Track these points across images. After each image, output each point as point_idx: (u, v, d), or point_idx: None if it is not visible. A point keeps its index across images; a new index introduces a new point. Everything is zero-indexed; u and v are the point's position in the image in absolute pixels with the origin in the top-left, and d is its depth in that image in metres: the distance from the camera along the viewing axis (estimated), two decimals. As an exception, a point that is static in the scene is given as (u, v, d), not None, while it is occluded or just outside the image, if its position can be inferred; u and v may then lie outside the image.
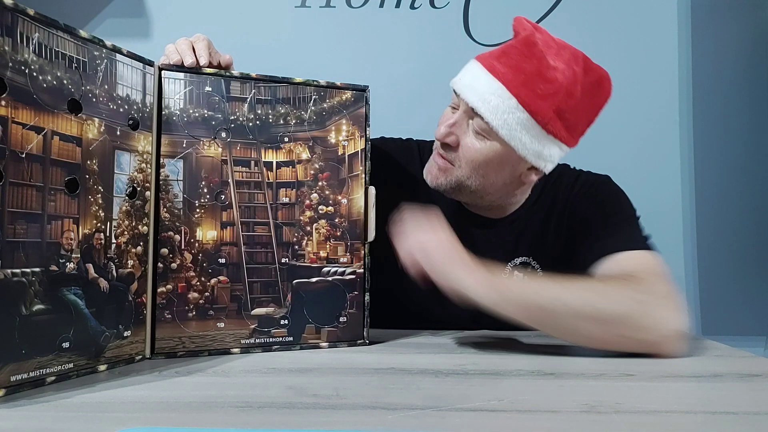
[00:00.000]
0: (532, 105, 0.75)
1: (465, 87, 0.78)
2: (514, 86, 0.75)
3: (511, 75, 0.75)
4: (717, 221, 1.42)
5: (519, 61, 0.76)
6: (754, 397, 0.55)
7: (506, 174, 0.81)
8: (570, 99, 0.76)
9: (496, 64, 0.77)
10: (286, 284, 0.73)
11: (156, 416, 0.47)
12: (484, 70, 0.77)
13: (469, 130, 0.79)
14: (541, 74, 0.75)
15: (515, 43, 0.78)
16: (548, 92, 0.75)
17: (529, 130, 0.76)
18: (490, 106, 0.75)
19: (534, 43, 0.76)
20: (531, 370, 0.64)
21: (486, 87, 0.76)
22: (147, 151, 0.67)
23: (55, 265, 0.55)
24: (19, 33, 0.52)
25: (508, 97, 0.75)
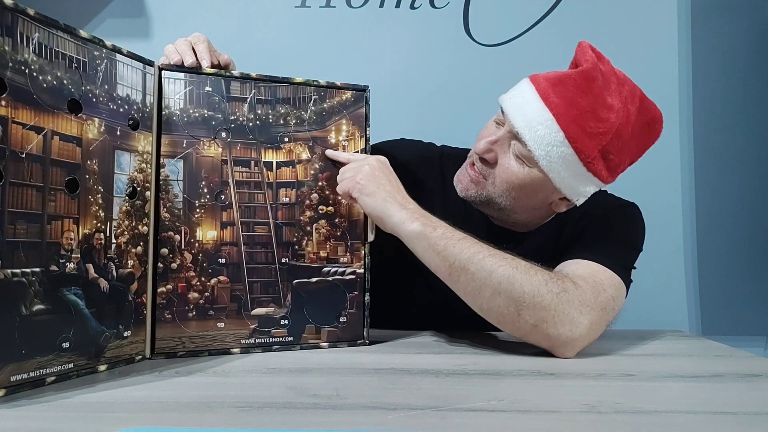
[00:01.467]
0: (578, 142, 0.73)
1: (514, 109, 0.76)
2: (565, 120, 0.73)
3: (563, 108, 0.73)
4: (717, 221, 1.41)
5: (575, 95, 0.74)
6: (754, 397, 0.55)
7: (538, 200, 0.80)
8: (618, 140, 0.75)
9: (550, 92, 0.74)
10: (286, 284, 0.73)
11: (156, 416, 0.47)
12: (536, 96, 0.75)
13: (509, 151, 0.78)
14: (595, 112, 0.73)
15: (574, 74, 0.75)
16: (598, 131, 0.73)
17: (570, 166, 0.75)
18: (536, 135, 0.74)
19: (594, 78, 0.74)
20: (531, 370, 0.64)
21: (536, 115, 0.74)
22: (147, 151, 0.67)
23: (55, 265, 0.55)
24: (19, 33, 0.52)
25: (556, 130, 0.73)
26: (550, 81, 0.76)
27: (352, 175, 0.73)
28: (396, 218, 0.71)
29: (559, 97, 0.74)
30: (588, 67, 0.74)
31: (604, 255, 0.76)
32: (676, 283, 1.43)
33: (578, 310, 0.68)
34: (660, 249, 1.43)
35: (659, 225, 1.44)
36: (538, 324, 0.68)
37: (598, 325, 0.71)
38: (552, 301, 0.67)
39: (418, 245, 0.71)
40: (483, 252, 0.69)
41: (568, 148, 0.73)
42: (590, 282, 0.72)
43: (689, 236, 1.43)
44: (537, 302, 0.67)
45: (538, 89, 0.76)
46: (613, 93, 0.74)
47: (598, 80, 0.74)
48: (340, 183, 0.74)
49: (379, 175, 0.73)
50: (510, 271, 0.68)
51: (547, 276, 0.69)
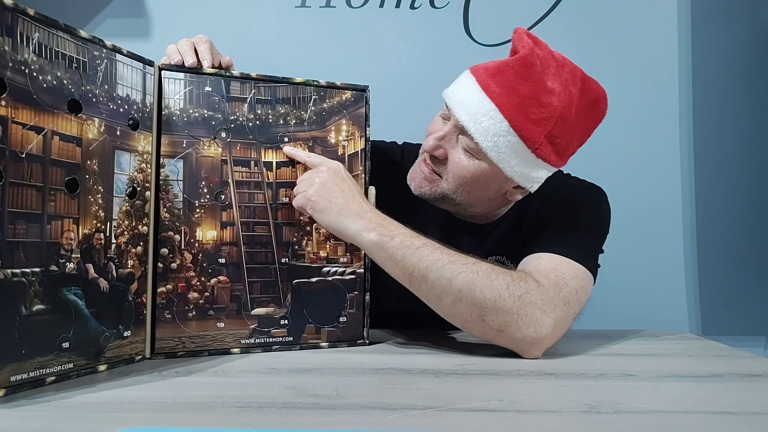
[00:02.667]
0: (523, 130, 0.73)
1: (457, 103, 0.76)
2: (507, 109, 0.73)
3: (505, 96, 0.73)
4: (717, 221, 1.41)
5: (514, 82, 0.73)
6: (754, 397, 0.55)
7: (492, 191, 0.81)
8: (563, 123, 0.75)
9: (490, 82, 0.74)
10: (286, 284, 0.73)
11: (156, 416, 0.47)
12: (478, 87, 0.75)
13: (458, 145, 0.78)
14: (536, 98, 0.73)
15: (512, 62, 0.75)
16: (542, 117, 0.73)
17: (518, 154, 0.75)
18: (480, 127, 0.74)
19: (532, 64, 0.73)
20: (531, 370, 0.64)
21: (478, 107, 0.74)
22: (147, 151, 0.67)
23: (55, 265, 0.55)
24: (19, 33, 0.52)
25: (500, 120, 0.73)
26: (489, 71, 0.76)
27: (304, 189, 0.72)
28: (352, 230, 0.70)
29: (499, 86, 0.74)
30: (525, 53, 0.74)
31: (566, 245, 0.76)
32: (676, 283, 1.43)
33: (542, 310, 0.68)
34: (660, 249, 1.43)
35: (659, 225, 1.44)
36: (502, 328, 0.68)
37: (563, 321, 0.70)
38: (514, 304, 0.67)
39: (376, 255, 0.70)
40: (443, 259, 0.68)
41: (514, 136, 0.73)
42: (551, 278, 0.71)
43: (689, 236, 1.43)
44: (499, 307, 0.67)
45: (478, 80, 0.76)
46: (552, 77, 0.74)
47: (536, 65, 0.73)
48: (295, 199, 0.74)
49: (331, 187, 0.71)
50: (470, 277, 0.67)
51: (508, 278, 0.68)
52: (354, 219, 0.70)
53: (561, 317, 0.70)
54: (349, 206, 0.71)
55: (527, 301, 0.67)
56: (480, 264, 0.69)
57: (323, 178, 0.72)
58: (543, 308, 0.68)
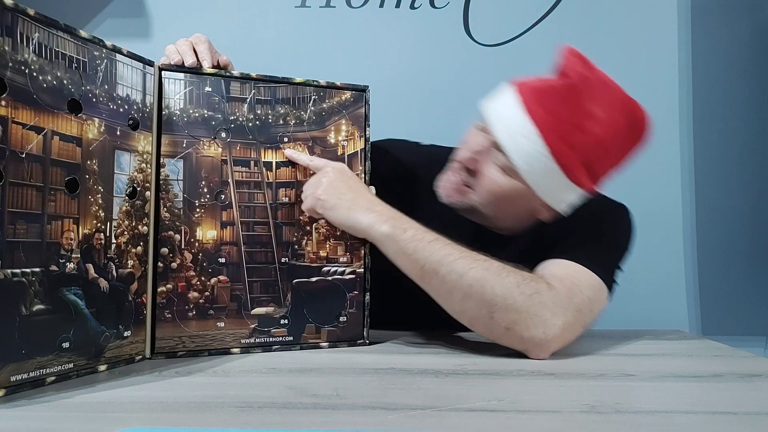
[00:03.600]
0: (562, 155, 0.72)
1: (497, 119, 0.75)
2: (548, 132, 0.71)
3: (547, 119, 0.72)
4: (717, 221, 1.41)
5: (558, 105, 0.72)
6: (754, 397, 0.55)
7: (520, 209, 0.80)
8: (602, 150, 0.73)
9: (534, 103, 0.73)
10: (286, 284, 0.73)
11: (156, 416, 0.47)
12: (520, 106, 0.73)
13: (492, 161, 0.76)
14: (579, 124, 0.72)
15: (559, 85, 0.73)
16: (582, 143, 0.72)
17: (553, 178, 0.73)
18: (518, 147, 0.72)
19: (579, 89, 0.72)
20: (531, 370, 0.64)
21: (518, 126, 0.72)
22: (147, 151, 0.67)
23: (55, 265, 0.55)
24: (19, 33, 0.52)
25: (538, 143, 0.72)
26: (533, 90, 0.74)
27: (312, 191, 0.72)
28: (364, 223, 0.70)
29: (542, 108, 0.72)
30: (573, 76, 0.73)
31: (586, 255, 0.75)
32: (676, 283, 1.43)
33: (551, 311, 0.68)
34: (660, 249, 1.43)
35: (659, 225, 1.44)
36: (510, 326, 0.67)
37: (573, 326, 0.70)
38: (524, 303, 0.67)
39: (388, 248, 0.71)
40: (454, 254, 0.68)
41: (551, 161, 0.72)
42: (566, 283, 0.71)
43: (689, 236, 1.43)
44: (509, 305, 0.66)
45: (521, 99, 0.74)
46: (598, 102, 0.73)
47: (582, 91, 0.72)
48: (304, 201, 0.74)
49: (338, 185, 0.72)
50: (481, 273, 0.67)
51: (519, 277, 0.68)
52: (365, 213, 0.71)
53: (571, 322, 0.69)
54: (359, 201, 0.71)
55: (537, 301, 0.67)
56: (491, 261, 0.69)
57: (330, 178, 0.72)
58: (553, 310, 0.68)
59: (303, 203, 0.74)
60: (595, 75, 0.74)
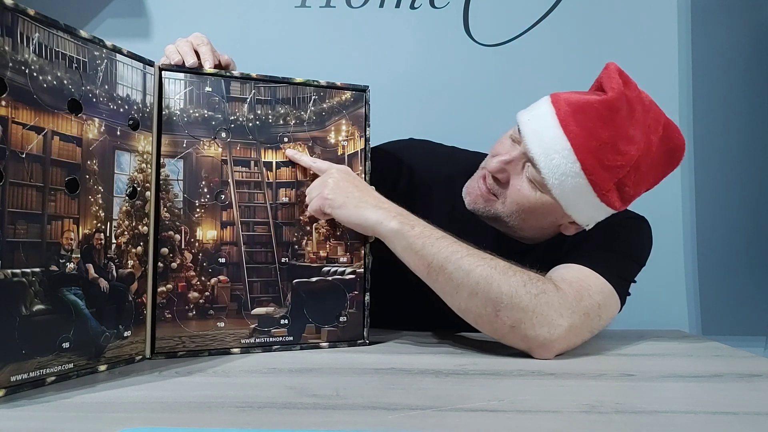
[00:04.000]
0: (594, 174, 0.71)
1: (531, 133, 0.74)
2: (582, 151, 0.71)
3: (582, 138, 0.71)
4: (717, 221, 1.41)
5: (596, 125, 0.71)
6: (754, 397, 0.55)
7: (546, 222, 0.80)
8: (636, 173, 0.73)
9: (570, 119, 0.72)
10: (286, 284, 0.73)
11: (156, 416, 0.47)
12: (556, 121, 0.72)
13: (522, 173, 0.76)
14: (615, 145, 0.71)
15: (598, 103, 0.72)
16: (616, 164, 0.71)
17: (583, 196, 0.73)
18: (551, 163, 0.72)
19: (618, 109, 0.71)
20: (531, 370, 0.64)
21: (553, 142, 0.72)
22: (147, 151, 0.67)
23: (55, 265, 0.55)
24: (19, 33, 0.52)
25: (572, 160, 0.71)
26: (571, 106, 0.73)
27: (318, 192, 0.72)
28: (373, 219, 0.70)
29: (579, 125, 0.71)
30: (613, 96, 0.71)
31: (600, 262, 0.75)
32: (676, 283, 1.43)
33: (557, 312, 0.67)
34: (660, 249, 1.42)
35: (659, 225, 1.44)
36: (515, 325, 0.67)
37: (579, 329, 0.70)
38: (530, 302, 0.67)
39: (396, 244, 0.70)
40: (461, 251, 0.68)
41: (583, 179, 0.72)
42: (575, 286, 0.71)
43: (689, 236, 1.43)
44: (515, 303, 0.66)
45: (558, 114, 0.73)
46: (636, 124, 0.72)
47: (622, 111, 0.71)
48: (310, 203, 0.74)
49: (344, 185, 0.72)
50: (488, 271, 0.67)
51: (526, 277, 0.68)
52: (373, 209, 0.71)
53: (577, 324, 0.69)
54: (367, 199, 0.72)
55: (543, 301, 0.67)
56: (498, 260, 0.69)
57: (335, 178, 0.72)
58: (559, 311, 0.68)
59: (309, 205, 0.74)
60: (634, 93, 0.74)
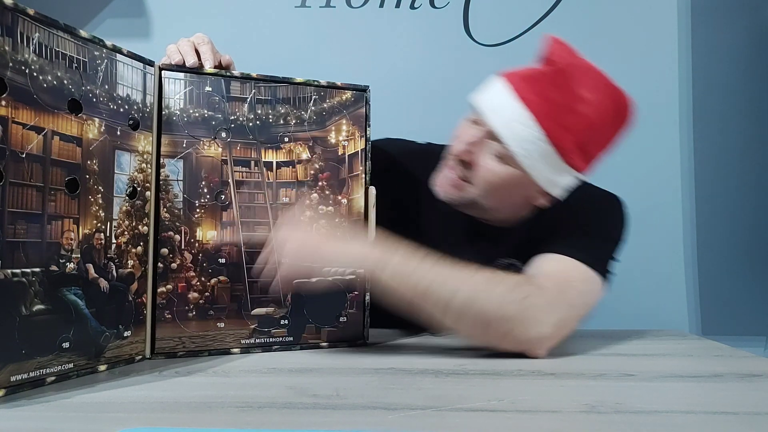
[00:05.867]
0: (556, 137, 0.73)
1: (490, 110, 0.76)
2: (542, 117, 0.73)
3: (539, 104, 0.73)
4: (717, 221, 1.41)
5: (549, 90, 0.74)
6: (754, 397, 0.55)
7: (519, 197, 0.80)
8: (594, 132, 0.75)
9: (525, 89, 0.74)
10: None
11: (156, 416, 0.47)
12: (512, 94, 0.75)
13: (487, 151, 0.77)
14: (571, 107, 0.73)
15: (547, 70, 0.75)
16: (575, 125, 0.74)
17: (548, 161, 0.75)
18: (514, 133, 0.74)
19: (566, 72, 0.74)
20: (531, 370, 0.64)
21: (512, 113, 0.74)
22: (147, 151, 0.67)
23: (55, 265, 0.55)
24: (19, 33, 0.52)
25: (533, 127, 0.73)
26: (523, 78, 0.76)
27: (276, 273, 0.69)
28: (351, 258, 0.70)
29: (534, 94, 0.74)
30: (560, 62, 0.75)
31: (576, 248, 0.76)
32: (676, 283, 1.43)
33: (544, 311, 0.68)
34: (660, 249, 1.43)
35: (659, 225, 1.44)
36: (507, 333, 0.68)
37: (567, 321, 0.71)
38: (516, 310, 0.67)
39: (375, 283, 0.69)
40: (441, 278, 0.68)
41: (546, 144, 0.74)
42: (557, 280, 0.72)
43: (689, 236, 1.43)
44: (502, 315, 0.67)
45: (512, 86, 0.75)
46: (584, 86, 0.74)
47: (570, 74, 0.74)
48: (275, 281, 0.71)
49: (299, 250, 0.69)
50: (470, 293, 0.67)
51: (510, 284, 0.69)
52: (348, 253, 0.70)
53: (564, 317, 0.70)
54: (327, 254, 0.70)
55: (529, 305, 0.68)
56: (478, 276, 0.69)
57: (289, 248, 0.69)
58: (545, 309, 0.68)
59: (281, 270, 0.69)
60: (580, 61, 0.77)
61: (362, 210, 0.77)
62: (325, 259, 0.70)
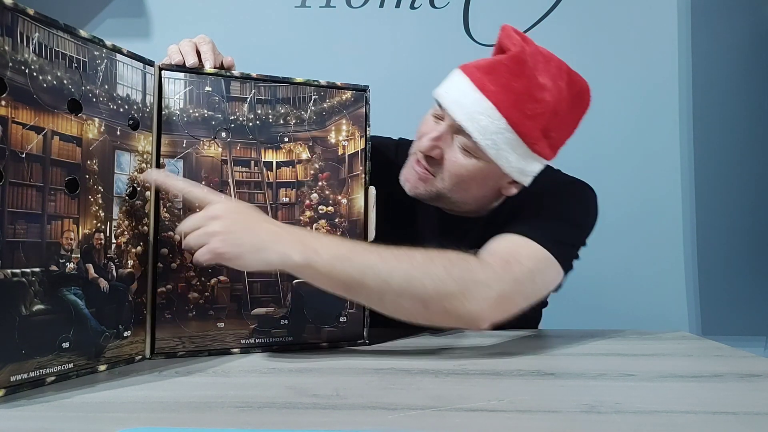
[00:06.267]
0: (521, 126, 0.74)
1: (452, 103, 0.77)
2: (505, 107, 0.74)
3: (501, 94, 0.74)
4: (717, 221, 1.42)
5: (509, 80, 0.74)
6: (754, 397, 0.55)
7: (488, 188, 0.81)
8: (556, 117, 0.76)
9: (485, 80, 0.75)
10: (286, 284, 0.73)
11: (156, 416, 0.47)
12: (472, 86, 0.75)
13: (454, 144, 0.78)
14: (531, 94, 0.74)
15: (505, 59, 0.76)
16: (536, 112, 0.74)
17: (515, 150, 0.76)
18: (479, 125, 0.74)
19: (524, 61, 0.74)
20: (531, 370, 0.64)
21: (475, 105, 0.75)
22: (147, 151, 0.67)
23: (55, 265, 0.55)
24: (19, 33, 0.52)
25: (498, 118, 0.74)
26: (482, 70, 0.76)
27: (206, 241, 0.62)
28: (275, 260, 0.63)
29: (494, 84, 0.75)
30: (517, 51, 0.75)
31: (532, 228, 0.76)
32: (676, 283, 1.43)
33: (484, 284, 0.68)
34: (660, 249, 1.43)
35: (659, 224, 1.44)
36: (447, 309, 0.67)
37: (510, 296, 0.70)
38: (454, 284, 0.66)
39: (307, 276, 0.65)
40: (374, 261, 0.66)
41: (511, 133, 0.74)
42: (503, 255, 0.71)
43: (689, 236, 1.43)
44: (440, 291, 0.66)
45: (472, 79, 0.76)
46: (542, 72, 0.75)
47: (528, 62, 0.74)
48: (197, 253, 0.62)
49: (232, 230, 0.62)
50: (407, 271, 0.66)
51: (446, 261, 0.67)
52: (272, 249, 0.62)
53: (508, 291, 0.69)
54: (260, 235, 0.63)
55: (468, 279, 0.67)
56: (414, 254, 0.68)
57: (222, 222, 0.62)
58: (486, 282, 0.68)
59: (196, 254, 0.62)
60: (534, 47, 0.77)
61: (362, 210, 0.77)
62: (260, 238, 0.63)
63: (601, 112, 1.37)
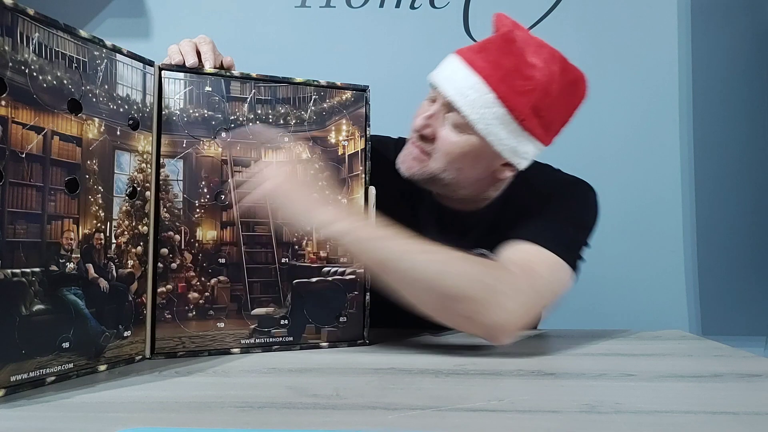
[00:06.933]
0: (509, 100, 0.75)
1: (443, 80, 0.79)
2: (493, 81, 0.75)
3: (490, 70, 0.76)
4: (717, 221, 1.42)
5: (498, 57, 0.76)
6: (754, 397, 0.55)
7: (481, 169, 0.81)
8: (547, 97, 0.76)
9: (475, 58, 0.77)
10: (286, 284, 0.73)
11: (156, 416, 0.47)
12: (463, 64, 0.78)
13: (446, 122, 0.79)
14: (520, 71, 0.75)
15: (495, 38, 0.78)
16: (526, 89, 0.75)
17: (505, 125, 0.76)
18: (468, 100, 0.76)
19: (513, 40, 0.77)
20: (531, 370, 0.64)
21: (464, 81, 0.76)
22: (147, 151, 0.67)
23: (55, 265, 0.55)
24: (19, 33, 0.52)
25: (486, 92, 0.75)
26: (473, 49, 0.80)
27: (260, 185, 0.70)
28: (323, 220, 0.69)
29: (484, 60, 0.77)
30: (506, 30, 0.78)
31: (542, 235, 0.76)
32: (676, 283, 1.43)
33: (510, 297, 0.68)
34: (660, 249, 1.43)
35: (659, 224, 1.44)
36: (471, 316, 0.68)
37: (532, 307, 0.71)
38: (483, 292, 0.67)
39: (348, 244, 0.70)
40: (414, 249, 0.68)
41: (500, 107, 0.75)
42: (524, 267, 0.72)
43: (689, 236, 1.43)
44: (468, 296, 0.67)
45: (464, 58, 0.78)
46: (533, 53, 0.76)
47: (517, 42, 0.76)
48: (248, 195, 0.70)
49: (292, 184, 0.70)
50: (442, 266, 0.67)
51: (480, 267, 0.69)
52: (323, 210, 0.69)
53: (530, 304, 0.70)
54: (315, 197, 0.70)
55: (497, 290, 0.68)
56: (451, 253, 0.69)
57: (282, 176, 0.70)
58: (511, 296, 0.68)
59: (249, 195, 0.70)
60: (525, 32, 0.79)
61: (362, 210, 0.77)
62: (295, 206, 0.69)
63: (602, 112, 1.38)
